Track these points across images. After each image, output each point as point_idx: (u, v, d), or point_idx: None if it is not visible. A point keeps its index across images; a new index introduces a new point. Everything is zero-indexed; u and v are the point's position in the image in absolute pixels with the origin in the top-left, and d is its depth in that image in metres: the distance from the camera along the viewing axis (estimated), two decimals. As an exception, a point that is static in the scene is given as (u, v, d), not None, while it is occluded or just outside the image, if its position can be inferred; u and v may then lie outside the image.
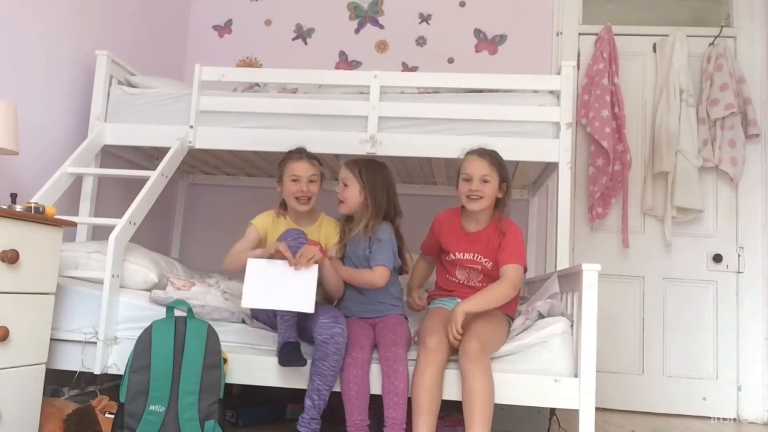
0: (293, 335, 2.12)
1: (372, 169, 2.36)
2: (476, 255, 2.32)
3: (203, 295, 2.41)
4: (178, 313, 2.12)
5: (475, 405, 1.98)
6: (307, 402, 2.08)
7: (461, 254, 2.35)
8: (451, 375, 2.08)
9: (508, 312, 2.32)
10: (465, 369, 2.02)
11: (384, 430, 2.04)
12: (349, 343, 2.14)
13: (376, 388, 2.12)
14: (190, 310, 2.12)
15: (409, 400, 2.06)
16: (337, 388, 2.12)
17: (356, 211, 2.35)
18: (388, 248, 2.29)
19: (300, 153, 2.38)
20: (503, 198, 2.32)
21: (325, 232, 2.43)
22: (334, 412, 2.14)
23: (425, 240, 2.50)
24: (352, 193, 2.32)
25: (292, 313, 2.11)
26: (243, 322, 2.33)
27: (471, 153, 2.34)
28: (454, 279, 2.39)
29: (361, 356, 2.11)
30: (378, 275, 2.26)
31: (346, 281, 2.31)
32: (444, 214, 2.45)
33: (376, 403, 2.11)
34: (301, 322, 2.20)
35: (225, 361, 2.12)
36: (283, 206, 2.43)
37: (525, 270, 2.30)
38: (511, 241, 2.27)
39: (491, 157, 2.31)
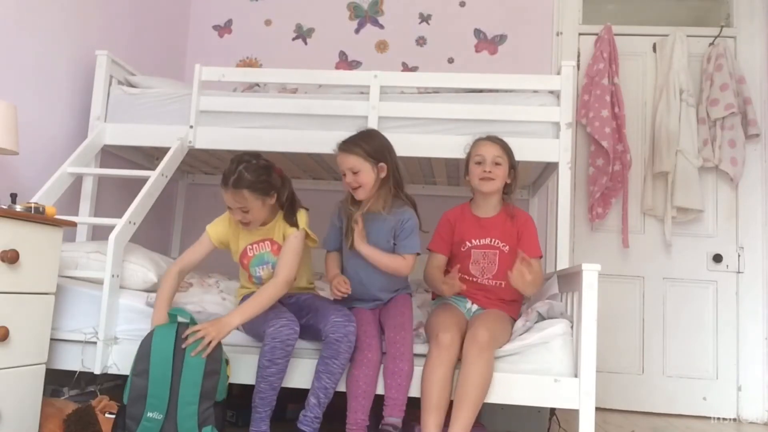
0: (264, 430, 2.05)
1: (373, 141, 2.25)
2: (493, 240, 2.35)
3: (201, 296, 2.41)
4: (181, 318, 2.09)
5: (467, 393, 1.99)
6: (312, 400, 2.06)
7: (477, 240, 2.36)
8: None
9: (512, 315, 2.33)
10: (469, 356, 2.02)
11: (384, 409, 2.03)
12: (362, 342, 2.11)
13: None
14: (192, 319, 2.08)
15: (415, 399, 2.06)
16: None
17: (373, 190, 2.23)
18: (416, 235, 2.25)
19: (226, 180, 2.13)
20: (511, 184, 2.40)
21: (282, 226, 2.27)
22: (332, 410, 2.14)
23: (435, 239, 2.42)
24: (367, 174, 2.19)
25: (267, 402, 2.05)
26: (238, 328, 2.32)
27: (481, 139, 2.42)
28: (467, 277, 2.35)
29: (374, 358, 2.09)
30: (409, 264, 2.22)
31: (373, 261, 2.18)
32: (454, 210, 2.46)
33: (376, 403, 2.11)
34: (306, 319, 2.19)
35: (227, 362, 2.11)
36: None
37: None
38: (530, 235, 2.36)
39: (502, 141, 2.41)
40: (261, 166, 2.16)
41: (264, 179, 2.15)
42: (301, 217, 2.25)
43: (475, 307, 2.33)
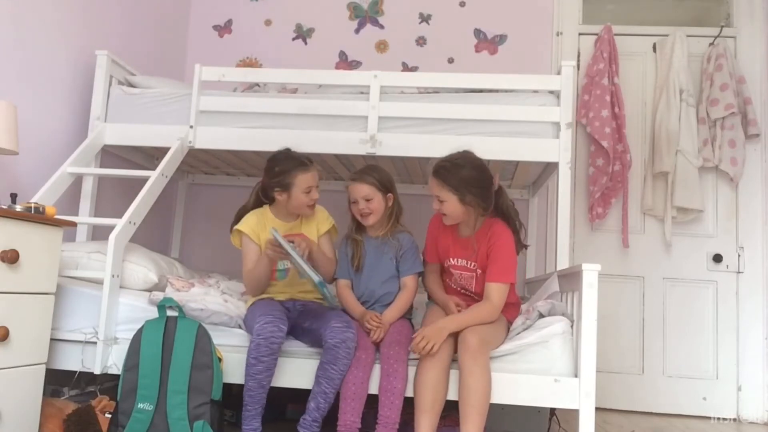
0: (255, 429, 2.07)
1: (381, 173, 2.39)
2: (469, 262, 2.33)
3: (203, 296, 2.41)
4: (170, 312, 2.13)
5: (469, 402, 1.98)
6: (311, 404, 2.08)
7: (455, 260, 2.36)
8: (454, 375, 2.08)
9: (507, 315, 2.32)
10: (464, 365, 2.03)
11: (377, 428, 2.04)
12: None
13: (374, 388, 2.12)
14: (180, 310, 2.12)
15: (410, 399, 2.06)
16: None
17: (381, 217, 2.39)
18: (417, 255, 2.39)
19: (305, 163, 2.34)
20: (475, 206, 2.24)
21: (318, 218, 2.45)
22: (332, 411, 2.14)
23: (427, 248, 2.45)
24: (378, 203, 2.35)
25: (257, 400, 2.07)
26: (240, 326, 2.33)
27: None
28: (451, 284, 2.40)
29: (364, 357, 2.11)
30: (413, 287, 2.36)
31: (399, 316, 2.29)
32: (439, 217, 2.41)
33: (377, 402, 2.11)
34: (309, 324, 2.21)
35: (220, 360, 2.12)
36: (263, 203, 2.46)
37: (513, 284, 2.28)
38: (498, 256, 2.22)
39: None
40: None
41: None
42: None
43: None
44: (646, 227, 3.65)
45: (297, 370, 2.17)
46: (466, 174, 2.22)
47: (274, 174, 2.34)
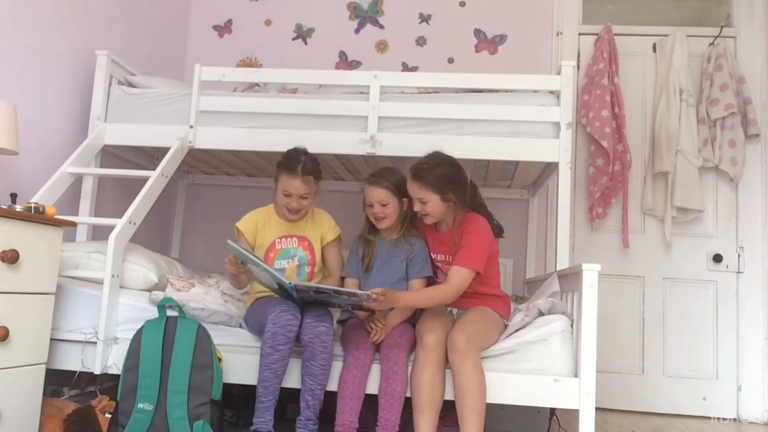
0: (267, 422, 2.05)
1: (398, 177, 2.38)
2: (447, 256, 2.35)
3: (203, 296, 2.41)
4: (170, 312, 2.13)
5: (466, 402, 1.99)
6: (302, 403, 2.09)
7: (436, 255, 2.39)
8: (450, 374, 2.08)
9: (497, 309, 2.32)
10: (454, 365, 2.04)
11: (377, 431, 2.04)
12: (353, 344, 2.15)
13: (373, 388, 2.13)
14: (180, 310, 2.12)
15: (410, 399, 2.07)
16: (332, 388, 2.12)
17: (395, 221, 2.39)
18: (427, 260, 2.37)
19: (295, 168, 2.26)
20: (456, 201, 2.29)
21: (324, 226, 2.43)
22: (332, 411, 2.14)
23: None
24: (393, 207, 2.35)
25: (271, 391, 2.05)
26: (240, 326, 2.33)
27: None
28: (439, 281, 2.41)
29: (363, 357, 2.12)
30: (423, 286, 2.34)
31: (405, 316, 2.28)
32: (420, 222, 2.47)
33: (377, 402, 2.11)
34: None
35: (220, 359, 2.12)
36: None
37: (478, 273, 2.23)
38: (467, 242, 2.25)
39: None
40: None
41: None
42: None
43: (455, 309, 2.35)
44: (646, 227, 3.65)
45: (296, 370, 2.16)
46: (443, 172, 2.28)
47: (276, 163, 2.36)
